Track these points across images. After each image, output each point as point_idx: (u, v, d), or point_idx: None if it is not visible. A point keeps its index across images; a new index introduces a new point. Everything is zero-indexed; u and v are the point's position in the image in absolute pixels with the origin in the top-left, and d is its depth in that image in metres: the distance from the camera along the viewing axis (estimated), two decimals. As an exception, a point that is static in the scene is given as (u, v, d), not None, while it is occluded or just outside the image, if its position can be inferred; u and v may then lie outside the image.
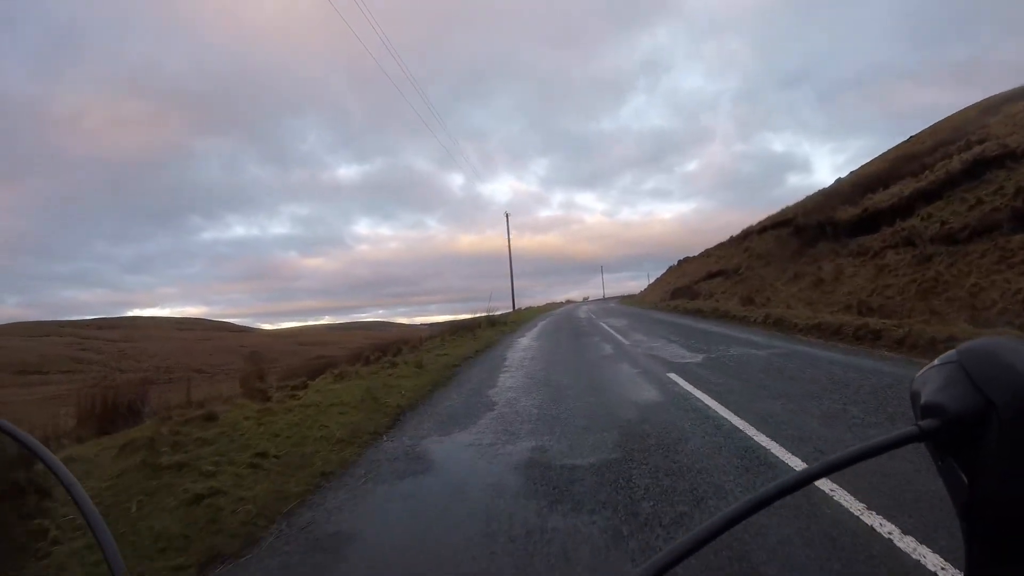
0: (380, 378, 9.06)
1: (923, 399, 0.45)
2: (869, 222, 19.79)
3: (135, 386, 8.59)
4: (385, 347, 13.56)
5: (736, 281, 26.71)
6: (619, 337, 13.07)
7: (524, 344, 13.84)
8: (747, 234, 33.74)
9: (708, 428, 4.88)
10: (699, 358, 9.09)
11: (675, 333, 13.41)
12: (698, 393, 6.30)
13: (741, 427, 4.78)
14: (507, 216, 43.83)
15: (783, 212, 33.41)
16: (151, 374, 59.09)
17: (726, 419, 5.08)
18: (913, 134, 37.87)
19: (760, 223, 34.20)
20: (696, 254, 48.81)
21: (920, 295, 11.83)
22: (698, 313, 20.35)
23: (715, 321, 16.55)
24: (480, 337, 16.13)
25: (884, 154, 37.81)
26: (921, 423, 0.43)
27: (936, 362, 0.46)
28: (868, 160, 37.79)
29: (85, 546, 3.13)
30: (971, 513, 0.41)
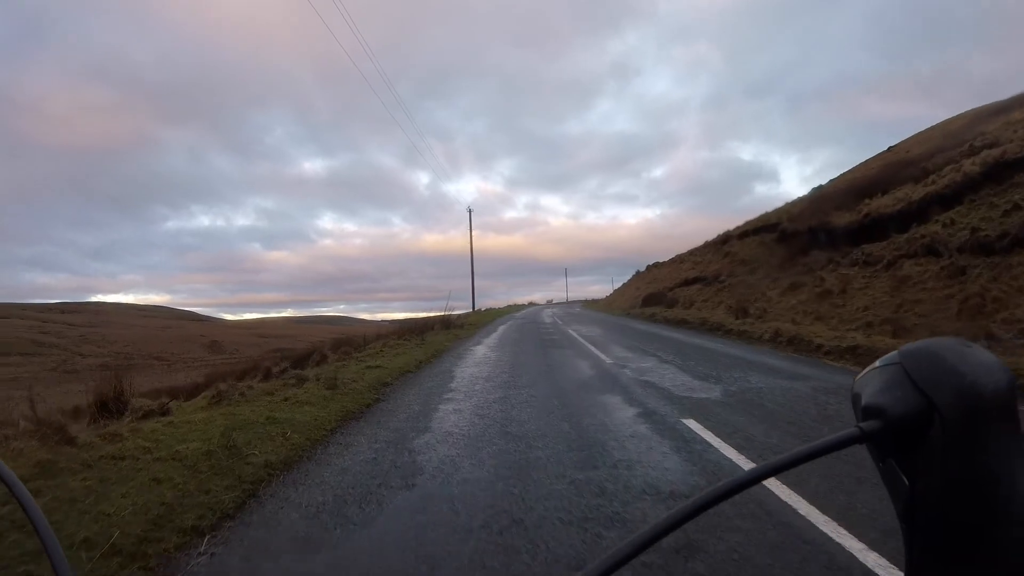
0: (270, 405, 6.32)
1: (864, 400, 0.43)
2: (872, 228, 17.86)
3: None
4: (305, 356, 10.75)
5: (718, 289, 24.64)
6: (596, 352, 10.53)
7: (479, 355, 11.00)
8: (726, 239, 31.79)
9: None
10: (715, 391, 6.61)
11: (665, 349, 10.92)
12: (748, 464, 3.80)
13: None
14: (470, 211, 41.23)
15: (764, 217, 31.65)
16: (110, 359, 56.79)
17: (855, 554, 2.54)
18: (892, 145, 36.78)
19: (739, 228, 32.38)
20: (667, 259, 47.05)
21: (968, 314, 9.64)
22: (683, 324, 18.02)
23: (708, 335, 14.18)
24: (429, 343, 13.45)
25: (867, 162, 36.54)
26: (862, 425, 0.42)
27: (877, 363, 0.45)
28: (847, 168, 36.45)
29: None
30: (912, 515, 0.41)
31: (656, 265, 48.72)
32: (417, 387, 7.94)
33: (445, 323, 17.58)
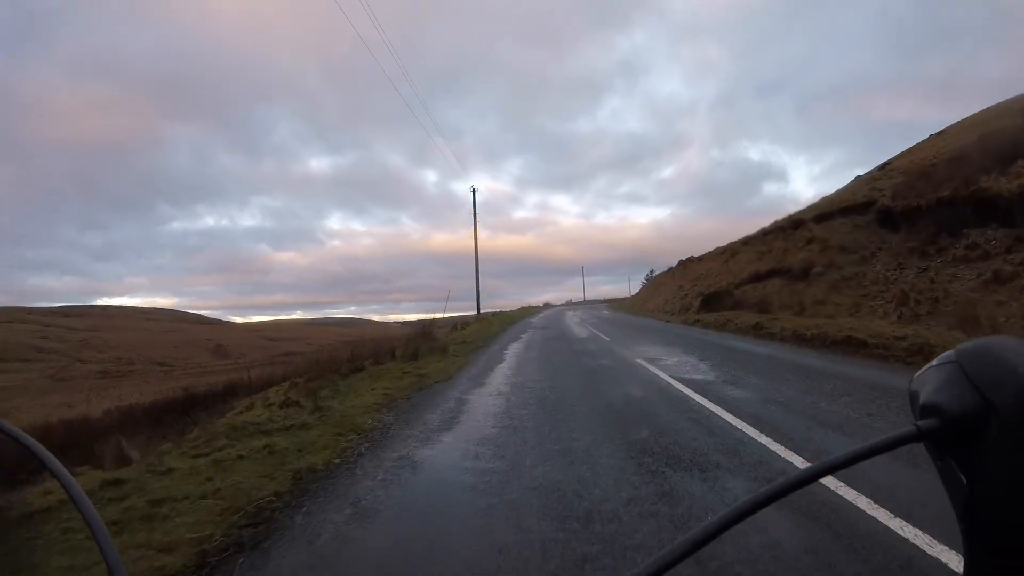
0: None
1: (922, 399, 0.43)
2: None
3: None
4: None
5: (808, 284, 17.87)
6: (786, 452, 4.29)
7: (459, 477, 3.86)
8: (797, 223, 24.74)
9: None
10: None
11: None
12: None
13: None
14: (473, 192, 34.49)
15: (849, 193, 24.59)
16: (110, 366, 52.28)
17: None
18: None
19: (812, 211, 25.42)
20: (701, 254, 40.02)
21: None
22: (849, 347, 9.07)
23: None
24: (364, 392, 6.87)
25: (952, 128, 29.30)
26: (920, 423, 0.41)
27: (935, 362, 0.44)
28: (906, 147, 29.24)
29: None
30: (970, 513, 0.40)
31: (691, 260, 41.63)
32: None
33: (424, 337, 11.17)
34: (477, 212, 34.48)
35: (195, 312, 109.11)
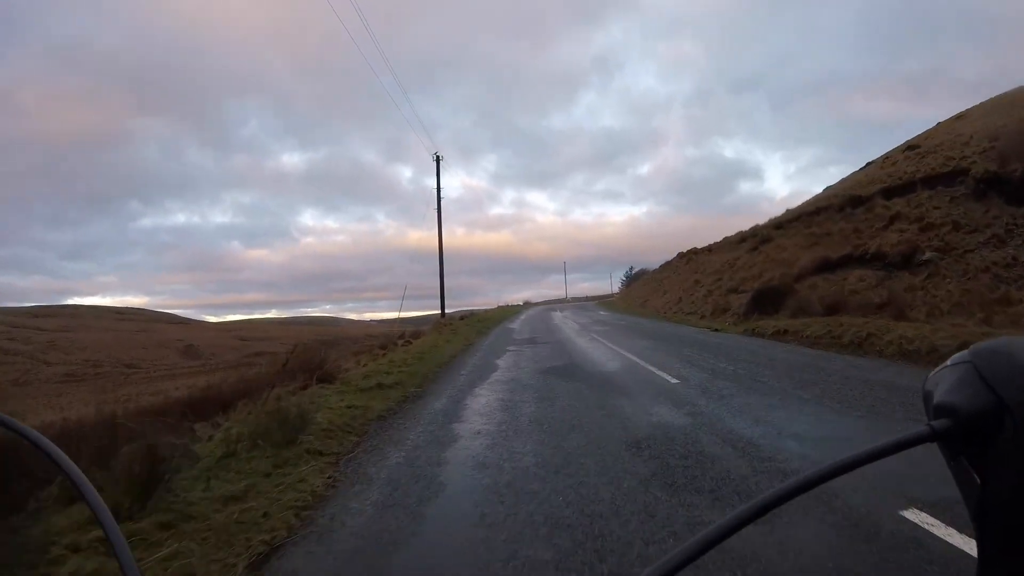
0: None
1: (936, 399, 0.42)
2: None
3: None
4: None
5: (915, 274, 12.30)
6: None
7: None
8: (856, 200, 19.02)
9: None
10: None
11: None
12: None
13: None
14: (437, 160, 28.52)
15: (943, 158, 18.90)
16: (77, 368, 47.89)
17: None
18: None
19: (875, 185, 19.75)
20: (704, 245, 34.35)
21: None
22: None
23: None
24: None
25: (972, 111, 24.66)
26: (934, 423, 0.40)
27: (949, 362, 0.43)
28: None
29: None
30: (984, 513, 0.39)
31: (696, 251, 35.90)
32: None
33: (303, 370, 5.43)
34: (442, 205, 28.82)
35: (168, 311, 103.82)
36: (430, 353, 11.38)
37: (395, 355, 10.90)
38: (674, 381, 6.87)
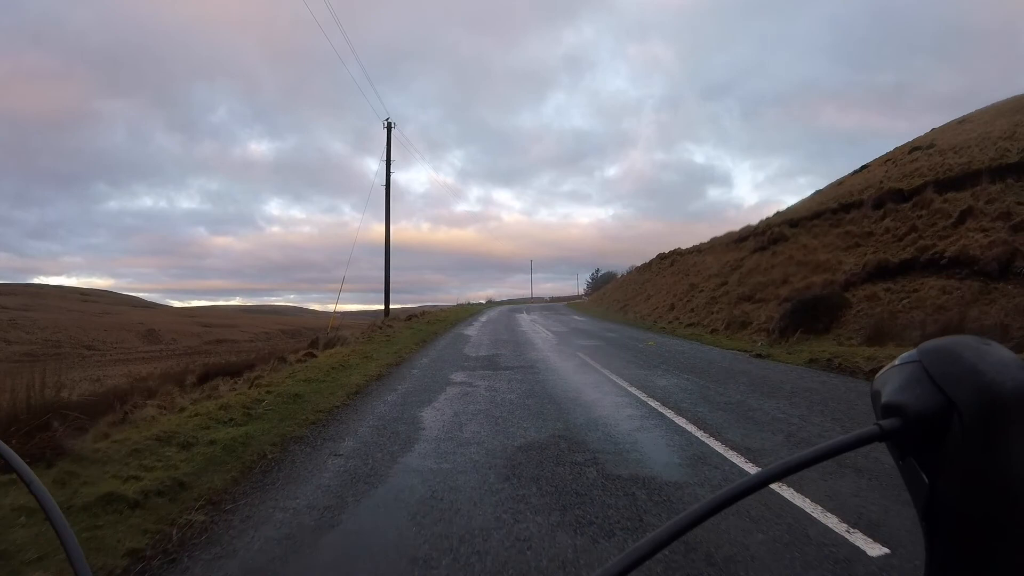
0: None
1: (884, 398, 0.42)
2: None
3: None
4: None
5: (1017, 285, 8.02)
6: None
7: None
8: (899, 195, 14.44)
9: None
10: None
11: None
12: None
13: None
14: (389, 127, 25.75)
15: (997, 151, 14.45)
16: (37, 348, 44.97)
17: None
18: None
19: (921, 179, 15.37)
20: (688, 247, 30.38)
21: None
22: None
23: None
24: None
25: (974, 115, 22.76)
26: (882, 422, 0.40)
27: (897, 361, 0.43)
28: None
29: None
30: (932, 513, 0.39)
31: (680, 252, 31.31)
32: None
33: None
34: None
35: (133, 295, 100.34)
36: (308, 393, 6.68)
37: (234, 397, 6.09)
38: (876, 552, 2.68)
